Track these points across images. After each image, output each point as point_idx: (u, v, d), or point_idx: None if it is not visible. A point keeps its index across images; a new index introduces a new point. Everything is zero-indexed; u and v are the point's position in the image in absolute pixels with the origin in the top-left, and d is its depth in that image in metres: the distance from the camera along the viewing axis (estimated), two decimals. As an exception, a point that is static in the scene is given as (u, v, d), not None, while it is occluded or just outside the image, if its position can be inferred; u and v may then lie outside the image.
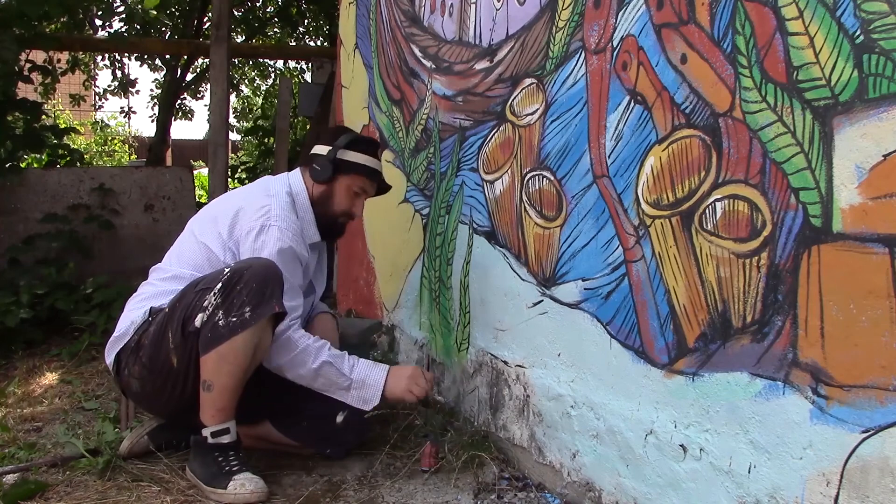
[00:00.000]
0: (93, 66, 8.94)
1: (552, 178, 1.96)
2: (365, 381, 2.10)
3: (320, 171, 2.25)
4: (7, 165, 4.14)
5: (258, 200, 2.16)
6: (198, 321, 1.91)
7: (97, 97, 10.19)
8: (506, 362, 2.20)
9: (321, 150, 2.29)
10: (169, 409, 2.12)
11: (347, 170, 2.27)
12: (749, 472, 1.39)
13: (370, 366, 2.14)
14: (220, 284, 1.92)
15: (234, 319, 1.89)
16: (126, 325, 2.08)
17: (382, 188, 2.41)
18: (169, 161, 10.56)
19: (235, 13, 7.61)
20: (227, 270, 1.95)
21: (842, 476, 1.21)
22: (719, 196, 1.44)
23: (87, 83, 9.13)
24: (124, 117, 12.33)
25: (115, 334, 2.12)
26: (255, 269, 1.94)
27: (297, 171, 2.34)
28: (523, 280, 2.10)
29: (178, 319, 1.95)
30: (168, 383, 2.02)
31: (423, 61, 2.71)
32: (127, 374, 2.08)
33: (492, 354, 2.28)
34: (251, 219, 2.11)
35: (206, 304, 1.91)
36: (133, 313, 2.10)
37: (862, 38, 1.17)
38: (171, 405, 2.08)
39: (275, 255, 2.05)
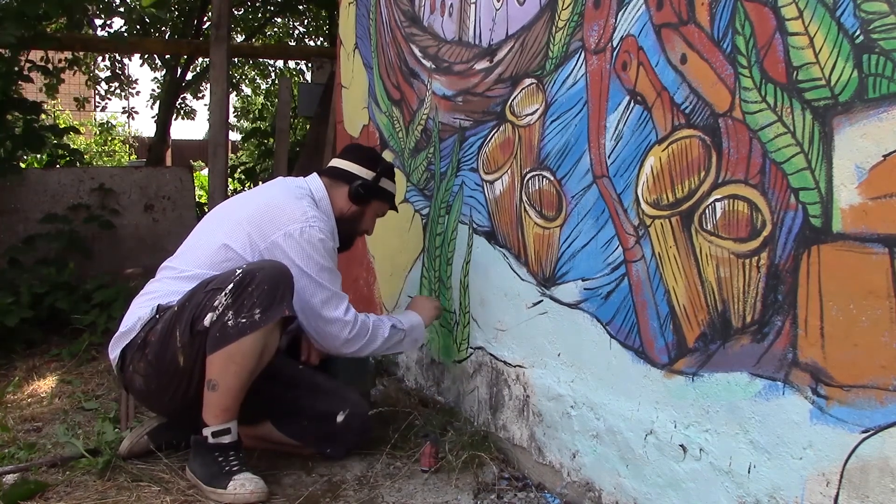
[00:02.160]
0: (93, 67, 8.94)
1: (552, 178, 1.96)
2: (413, 326, 2.33)
3: (363, 194, 2.33)
4: (7, 165, 4.14)
5: (291, 203, 2.17)
6: (207, 321, 1.91)
7: (98, 98, 10.19)
8: (506, 362, 2.20)
9: (361, 172, 2.34)
10: (172, 408, 2.12)
11: (381, 196, 2.39)
12: (749, 472, 1.39)
13: (405, 314, 2.37)
14: (231, 285, 1.92)
15: (244, 321, 1.89)
16: (133, 322, 2.08)
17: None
18: (169, 161, 10.56)
19: (235, 13, 7.61)
20: (238, 271, 1.95)
21: (842, 476, 1.21)
22: (719, 196, 1.44)
23: (89, 83, 9.13)
24: (128, 118, 12.33)
25: (120, 330, 2.11)
26: (267, 272, 1.94)
27: (316, 178, 2.34)
28: (523, 280, 2.10)
29: (186, 318, 1.95)
30: (173, 382, 2.02)
31: (423, 61, 2.71)
32: (131, 370, 2.07)
33: (492, 354, 2.28)
34: (289, 221, 2.11)
35: (216, 304, 1.91)
36: (141, 310, 2.10)
37: (862, 38, 1.17)
38: (174, 403, 2.08)
39: (322, 252, 2.12)
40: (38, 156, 5.48)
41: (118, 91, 9.26)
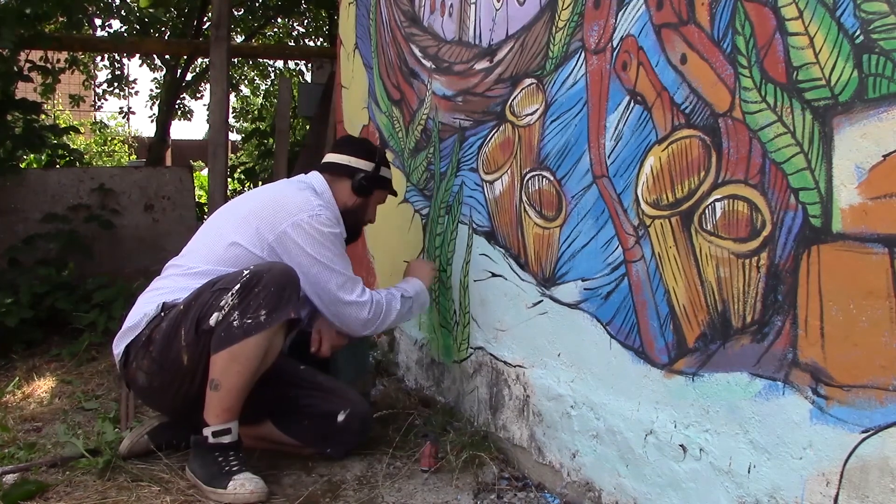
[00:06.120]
0: (92, 67, 8.94)
1: (552, 178, 1.96)
2: (417, 292, 2.38)
3: (367, 186, 2.37)
4: (7, 165, 4.14)
5: (296, 195, 2.20)
6: (212, 320, 1.92)
7: (97, 97, 10.20)
8: (506, 362, 2.20)
9: (361, 164, 2.37)
10: (173, 406, 2.12)
11: (382, 185, 2.43)
12: (749, 472, 1.39)
13: (407, 281, 2.42)
14: (238, 285, 1.93)
15: (249, 321, 1.90)
16: (138, 318, 2.09)
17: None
18: (169, 161, 10.57)
19: (235, 13, 7.61)
20: (245, 272, 1.96)
21: (841, 476, 1.21)
22: (719, 196, 1.44)
23: (86, 83, 9.13)
24: (124, 118, 12.34)
25: (126, 325, 2.12)
26: (275, 274, 1.96)
27: (316, 174, 2.36)
28: (523, 280, 2.10)
29: (192, 317, 1.96)
30: (176, 380, 2.02)
31: (423, 61, 2.71)
32: (135, 367, 2.08)
33: (492, 354, 2.28)
34: (296, 210, 2.14)
35: (222, 303, 1.92)
36: (146, 306, 2.10)
37: (862, 38, 1.17)
38: (176, 402, 2.08)
39: (331, 239, 2.15)
40: (38, 156, 5.47)
41: (117, 91, 9.26)
